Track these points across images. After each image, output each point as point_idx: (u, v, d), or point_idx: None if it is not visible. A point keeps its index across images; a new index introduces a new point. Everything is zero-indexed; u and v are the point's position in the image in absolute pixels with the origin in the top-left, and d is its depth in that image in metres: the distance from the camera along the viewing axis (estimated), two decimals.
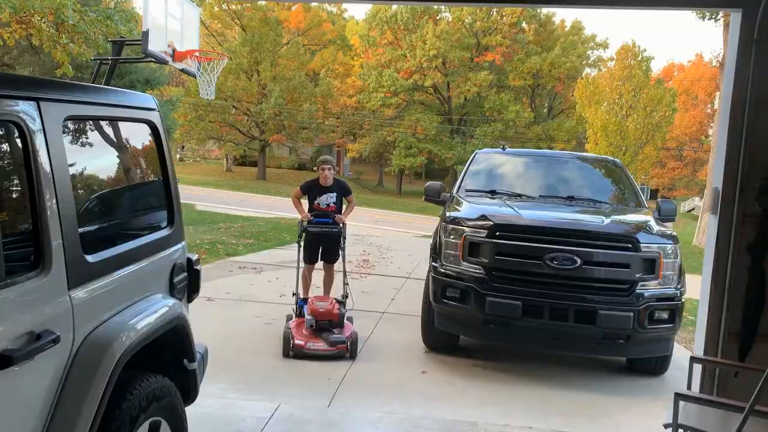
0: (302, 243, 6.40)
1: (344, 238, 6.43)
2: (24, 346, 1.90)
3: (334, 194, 6.57)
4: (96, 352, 2.20)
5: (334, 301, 5.91)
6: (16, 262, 1.96)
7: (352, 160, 48.93)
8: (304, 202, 6.74)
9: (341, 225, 6.41)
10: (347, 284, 6.29)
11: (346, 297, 6.23)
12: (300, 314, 5.98)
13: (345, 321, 5.83)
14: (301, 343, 5.50)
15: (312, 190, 6.63)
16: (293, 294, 6.25)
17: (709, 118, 44.66)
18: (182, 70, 5.85)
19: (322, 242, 6.54)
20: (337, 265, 6.74)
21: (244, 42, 39.09)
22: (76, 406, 2.09)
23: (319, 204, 6.54)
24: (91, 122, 2.54)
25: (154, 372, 2.58)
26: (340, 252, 6.46)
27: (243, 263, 10.07)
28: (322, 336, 5.59)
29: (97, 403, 2.13)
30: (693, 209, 39.61)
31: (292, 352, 5.47)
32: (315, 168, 6.65)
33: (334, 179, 6.59)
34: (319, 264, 6.85)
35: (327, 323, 5.66)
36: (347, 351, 5.54)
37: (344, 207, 6.73)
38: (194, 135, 39.98)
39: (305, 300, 6.13)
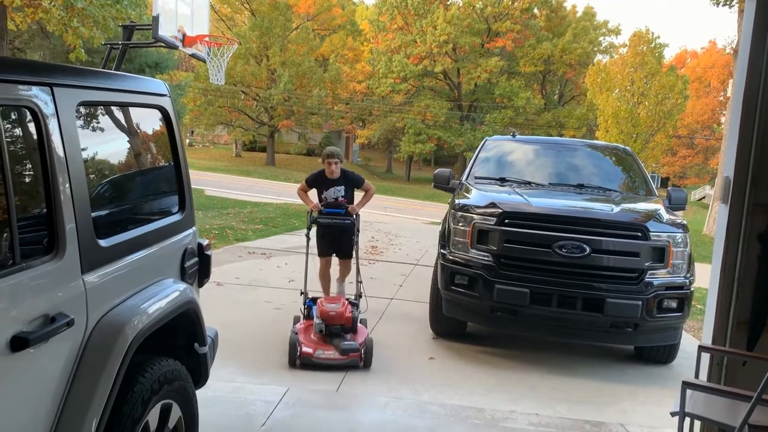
0: (310, 235, 5.87)
1: (358, 230, 5.92)
2: (39, 329, 1.93)
3: (342, 187, 6.11)
4: (109, 335, 2.23)
5: (347, 302, 5.35)
6: (30, 246, 1.99)
7: (361, 147, 48.90)
8: (312, 195, 6.32)
9: (354, 216, 5.90)
10: (360, 282, 5.73)
11: (360, 297, 5.70)
12: (308, 316, 5.49)
13: (358, 325, 5.34)
14: (310, 350, 4.96)
15: (318, 182, 6.16)
16: (301, 293, 5.71)
17: (721, 106, 44.25)
18: (192, 55, 5.86)
19: (334, 235, 6.11)
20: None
21: (253, 27, 39.01)
22: (89, 389, 2.12)
23: (326, 198, 6.09)
24: (103, 108, 2.56)
25: (165, 355, 2.61)
26: (351, 246, 5.99)
27: (252, 248, 10.11)
28: (333, 342, 5.06)
29: (110, 385, 2.16)
30: (704, 198, 39.38)
31: (299, 360, 4.95)
32: (321, 161, 6.17)
33: (341, 171, 6.12)
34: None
35: (338, 328, 5.11)
36: (361, 359, 5.01)
37: (357, 198, 6.27)
38: (203, 120, 40.05)
39: (314, 300, 5.57)
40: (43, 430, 2.00)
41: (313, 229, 5.99)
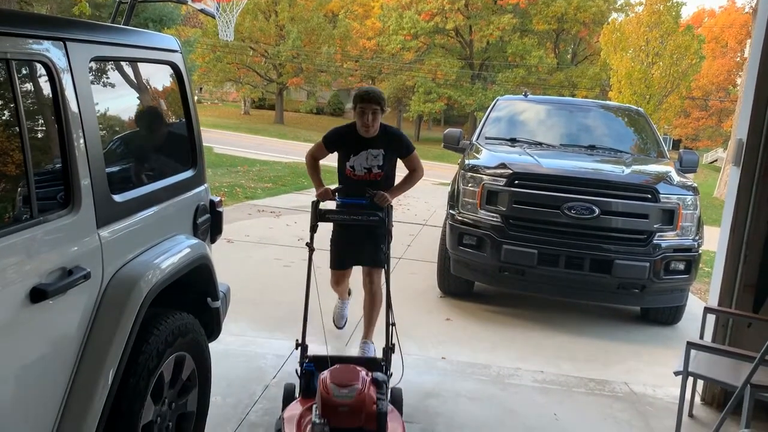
0: (313, 236, 3.66)
1: (389, 232, 3.80)
2: (57, 281, 1.97)
3: (381, 153, 3.97)
4: (124, 288, 2.27)
5: (368, 378, 2.99)
6: (47, 201, 2.02)
7: None
8: (327, 171, 4.41)
9: (385, 209, 3.74)
10: (394, 324, 3.48)
11: (393, 348, 3.52)
12: (307, 389, 3.23)
13: (389, 413, 2.98)
14: None
15: (344, 142, 4.04)
16: (297, 345, 3.43)
17: (738, 67, 43.39)
18: (201, 11, 5.80)
19: (355, 240, 4.09)
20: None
21: None
22: (106, 340, 2.18)
23: (353, 169, 3.99)
24: (115, 63, 2.56)
25: (179, 309, 2.66)
26: (382, 254, 3.77)
27: (262, 207, 10.17)
28: None
29: (126, 337, 2.22)
30: (716, 161, 39.01)
31: None
32: (352, 107, 3.98)
33: (382, 128, 3.98)
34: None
35: None
36: None
37: (394, 180, 4.16)
38: (212, 77, 39.76)
39: (317, 363, 3.30)
40: (64, 378, 2.06)
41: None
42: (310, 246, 3.64)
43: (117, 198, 2.34)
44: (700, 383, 3.96)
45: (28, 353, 1.93)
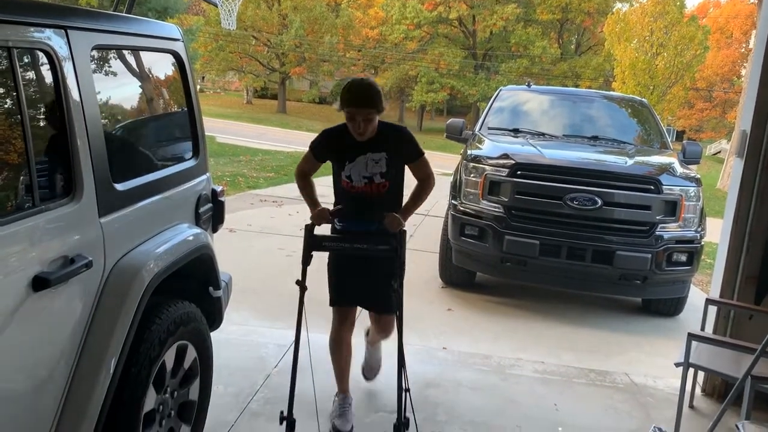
0: (305, 270, 2.98)
1: (402, 263, 3.02)
2: (59, 270, 1.97)
3: (382, 156, 3.08)
4: (126, 277, 2.28)
5: None
6: (49, 189, 2.02)
7: None
8: (321, 185, 3.40)
9: (398, 233, 3.00)
10: (408, 390, 2.90)
11: (407, 424, 2.89)
12: None
13: None
14: None
15: (335, 149, 3.16)
16: (281, 420, 2.89)
17: (743, 58, 43.17)
18: (204, 0, 5.77)
19: (360, 270, 3.20)
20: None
21: None
22: (108, 328, 2.18)
23: (350, 180, 3.11)
24: (117, 51, 2.55)
25: (181, 298, 2.67)
26: (392, 293, 3.00)
27: (264, 196, 10.17)
28: None
29: (128, 325, 2.22)
30: (719, 152, 38.88)
31: None
32: (337, 106, 3.06)
33: (381, 127, 3.09)
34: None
35: None
36: None
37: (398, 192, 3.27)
38: (214, 66, 39.64)
39: None
40: (66, 366, 2.07)
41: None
42: (301, 284, 2.96)
43: (119, 187, 2.34)
44: (701, 374, 3.96)
45: (30, 342, 1.94)
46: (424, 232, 8.46)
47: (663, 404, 3.90)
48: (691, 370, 3.54)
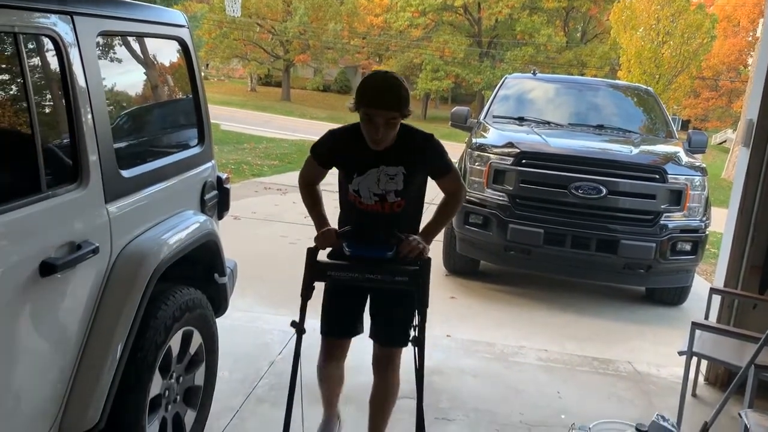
0: (305, 306, 2.55)
1: (425, 293, 2.57)
2: (66, 255, 1.98)
3: (399, 171, 2.53)
4: (132, 263, 2.29)
5: None
6: (55, 176, 2.03)
7: None
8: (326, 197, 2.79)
9: (421, 263, 2.57)
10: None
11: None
12: None
13: None
14: None
15: (343, 155, 2.60)
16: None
17: (750, 47, 42.81)
18: None
19: (361, 301, 2.75)
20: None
21: None
22: (115, 314, 2.20)
23: (357, 195, 2.57)
24: (122, 38, 2.55)
25: (187, 285, 2.68)
26: (411, 331, 2.60)
27: (268, 184, 10.18)
28: None
29: (134, 311, 2.24)
30: (725, 141, 38.70)
31: None
32: (349, 106, 2.43)
33: (401, 131, 2.49)
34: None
35: None
36: None
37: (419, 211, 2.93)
38: (219, 53, 39.48)
39: None
40: (73, 351, 2.09)
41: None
42: (298, 326, 2.48)
43: (125, 173, 2.34)
44: (704, 363, 3.97)
45: (38, 327, 1.96)
46: (427, 220, 8.47)
47: (666, 392, 3.92)
48: (694, 359, 3.54)
